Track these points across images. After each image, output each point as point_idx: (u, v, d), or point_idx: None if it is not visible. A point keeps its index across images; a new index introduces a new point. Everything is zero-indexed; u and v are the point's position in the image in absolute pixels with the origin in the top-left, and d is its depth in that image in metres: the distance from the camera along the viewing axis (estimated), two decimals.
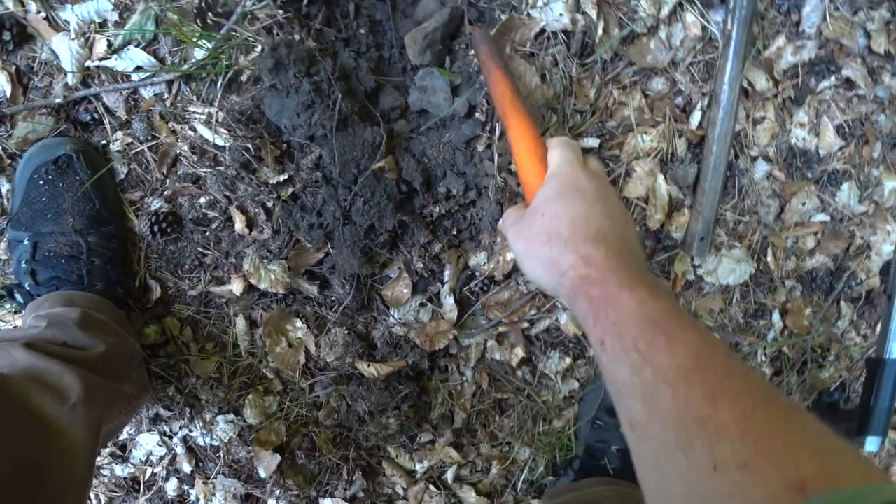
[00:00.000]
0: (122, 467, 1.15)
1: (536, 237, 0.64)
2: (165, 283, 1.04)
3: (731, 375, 0.45)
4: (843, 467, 0.39)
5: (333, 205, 0.95)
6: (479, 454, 1.16)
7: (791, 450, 0.39)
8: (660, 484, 0.46)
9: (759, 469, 0.39)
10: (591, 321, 0.54)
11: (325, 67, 0.90)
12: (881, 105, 1.07)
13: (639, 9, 0.96)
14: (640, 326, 0.50)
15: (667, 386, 0.46)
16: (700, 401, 0.44)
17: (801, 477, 0.37)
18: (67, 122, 0.98)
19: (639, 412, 0.48)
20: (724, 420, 0.42)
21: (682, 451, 0.43)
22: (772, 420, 0.42)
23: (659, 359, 0.47)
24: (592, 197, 0.64)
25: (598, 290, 0.55)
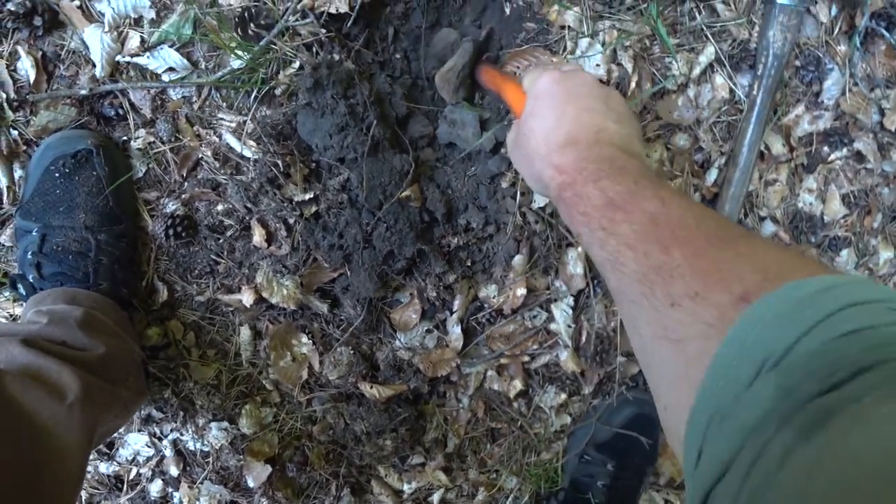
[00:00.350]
0: (107, 465, 1.13)
1: (524, 158, 0.69)
2: (173, 287, 1.02)
3: (685, 226, 0.50)
4: (784, 272, 0.42)
5: (356, 228, 0.95)
6: (466, 479, 1.18)
7: (737, 271, 0.43)
8: (636, 336, 0.50)
9: (707, 294, 0.43)
10: (569, 220, 0.60)
11: (363, 91, 0.90)
12: (887, 179, 1.11)
13: (672, 66, 0.98)
14: (601, 209, 0.55)
15: (628, 249, 0.51)
16: (656, 253, 0.48)
17: (745, 289, 0.41)
18: (90, 114, 0.96)
19: (613, 280, 0.53)
20: (676, 263, 0.46)
21: (646, 297, 0.47)
22: (721, 252, 0.46)
23: (619, 229, 0.53)
24: (561, 101, 0.66)
25: (570, 192, 0.60)
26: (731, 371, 0.38)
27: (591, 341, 1.08)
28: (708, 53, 1.00)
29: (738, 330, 0.39)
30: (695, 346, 0.43)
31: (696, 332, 0.42)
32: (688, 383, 0.42)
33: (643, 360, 0.51)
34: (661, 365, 0.47)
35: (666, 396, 0.47)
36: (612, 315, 1.07)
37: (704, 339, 0.41)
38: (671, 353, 0.45)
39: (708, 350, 0.40)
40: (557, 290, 1.05)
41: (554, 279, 1.05)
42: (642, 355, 0.51)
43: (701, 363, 0.41)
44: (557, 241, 1.02)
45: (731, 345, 0.39)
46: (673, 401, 0.46)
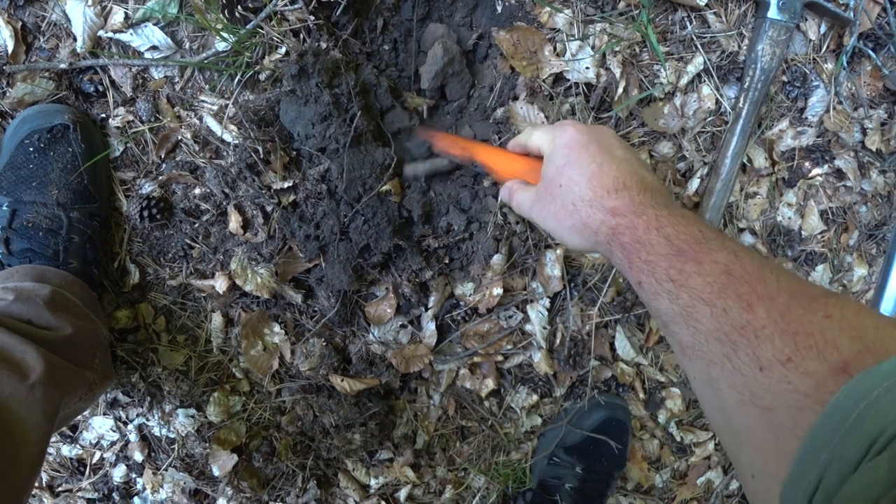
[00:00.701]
0: (70, 448, 1.11)
1: (562, 209, 0.65)
2: (145, 269, 1.01)
3: (763, 280, 0.47)
4: (883, 343, 0.40)
5: (333, 219, 0.94)
6: (434, 476, 1.17)
7: (830, 336, 0.41)
8: (715, 398, 0.48)
9: (801, 360, 0.41)
10: (627, 266, 0.57)
11: (348, 81, 0.89)
12: (865, 197, 1.12)
13: (660, 74, 0.98)
14: (670, 259, 0.53)
15: (704, 304, 0.48)
16: (737, 310, 0.46)
17: (844, 359, 0.39)
18: (69, 89, 0.94)
19: (684, 335, 0.50)
20: (761, 323, 0.44)
21: (729, 359, 0.45)
22: (808, 312, 0.44)
23: (691, 282, 0.50)
24: (597, 150, 0.65)
25: (628, 237, 0.57)
26: (834, 448, 0.36)
27: (565, 344, 1.08)
28: (696, 63, 1.00)
29: (839, 403, 0.37)
30: (787, 415, 0.41)
31: (790, 402, 0.41)
32: (779, 454, 0.40)
33: (723, 423, 0.49)
34: (749, 432, 0.45)
35: (753, 465, 0.45)
36: (587, 319, 1.07)
37: (799, 410, 0.40)
38: (759, 420, 0.43)
39: (802, 423, 0.39)
40: (534, 291, 1.05)
41: (531, 280, 1.05)
42: (721, 418, 0.48)
43: (794, 435, 0.39)
44: (536, 241, 1.02)
45: (832, 418, 0.37)
46: (760, 469, 0.44)
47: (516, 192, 0.76)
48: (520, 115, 0.96)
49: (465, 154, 0.87)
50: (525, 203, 0.73)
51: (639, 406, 1.17)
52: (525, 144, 0.77)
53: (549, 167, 0.69)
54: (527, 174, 0.78)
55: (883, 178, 1.12)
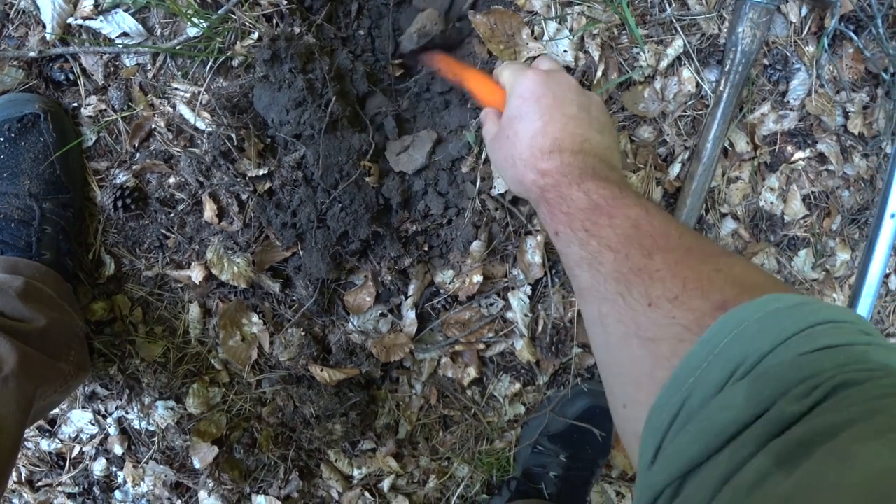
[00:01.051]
0: (49, 442, 1.10)
1: (505, 160, 0.69)
2: (121, 260, 0.99)
3: (667, 235, 0.51)
4: (761, 287, 0.43)
5: (310, 206, 0.93)
6: (417, 466, 1.17)
7: (716, 282, 0.45)
8: (603, 332, 0.51)
9: (687, 299, 0.44)
10: (549, 218, 0.62)
11: (322, 66, 0.88)
12: (847, 182, 1.12)
13: (640, 57, 0.97)
14: (586, 212, 0.57)
15: (609, 251, 0.52)
16: (637, 256, 0.50)
17: (724, 298, 0.42)
18: (39, 78, 0.92)
19: (586, 277, 0.54)
20: (657, 267, 0.48)
21: (622, 296, 0.49)
22: (700, 263, 0.47)
23: (602, 232, 0.54)
24: (547, 105, 0.67)
25: (553, 193, 0.62)
26: (701, 373, 0.39)
27: (547, 331, 1.07)
28: (676, 46, 0.99)
29: (712, 334, 0.40)
30: (667, 346, 0.43)
31: (671, 334, 0.43)
32: (652, 381, 0.43)
33: (606, 357, 0.52)
34: (628, 363, 0.48)
35: (625, 394, 0.48)
36: (570, 306, 1.07)
37: (678, 341, 0.42)
38: (641, 351, 0.46)
39: (679, 352, 0.41)
40: (515, 278, 1.04)
41: (512, 267, 1.04)
42: (605, 352, 0.52)
43: (669, 364, 0.42)
44: (516, 228, 1.01)
45: (703, 347, 0.40)
46: (632, 398, 0.46)
47: (486, 123, 0.78)
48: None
49: (456, 78, 0.87)
50: (487, 138, 0.76)
51: None
52: (497, 80, 0.78)
53: (505, 113, 0.72)
54: (500, 106, 0.77)
55: (865, 161, 1.11)
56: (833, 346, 0.36)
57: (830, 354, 0.36)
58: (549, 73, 0.70)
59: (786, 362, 0.36)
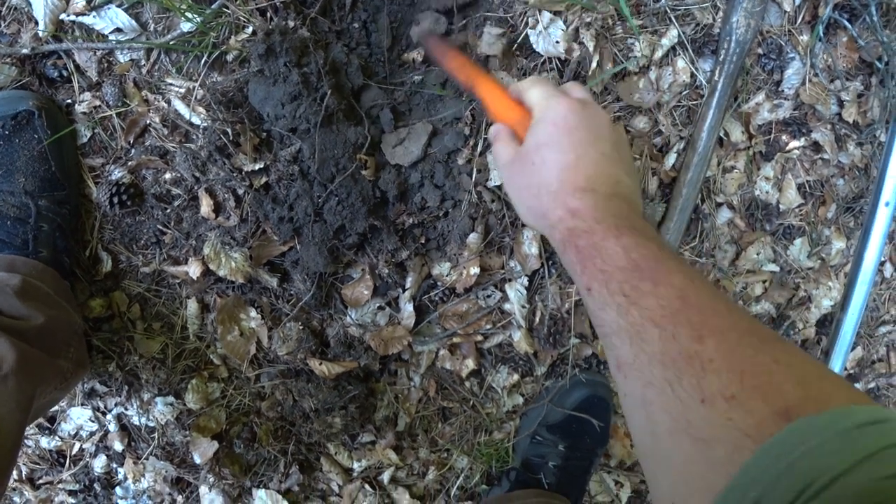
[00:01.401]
0: (49, 439, 1.10)
1: (527, 188, 0.63)
2: (118, 257, 0.99)
3: (717, 313, 0.47)
4: (827, 393, 0.40)
5: (306, 200, 0.93)
6: (417, 458, 1.17)
7: (776, 380, 0.41)
8: (647, 420, 0.47)
9: (745, 399, 0.40)
10: (579, 270, 0.55)
11: (317, 60, 0.87)
12: (842, 170, 1.12)
13: (634, 48, 0.97)
14: (625, 272, 0.51)
15: (653, 326, 0.47)
16: (687, 338, 0.45)
17: (787, 404, 0.39)
18: (32, 75, 0.92)
19: (626, 352, 0.49)
20: (710, 355, 0.43)
21: (670, 385, 0.44)
22: (757, 353, 0.43)
23: (644, 301, 0.49)
24: (583, 139, 0.62)
25: (585, 241, 0.56)
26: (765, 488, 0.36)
27: (544, 322, 1.08)
28: (671, 36, 0.99)
29: (776, 446, 0.37)
30: (723, 450, 0.40)
31: (728, 438, 0.40)
32: (706, 487, 0.40)
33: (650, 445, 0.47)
34: (677, 461, 0.44)
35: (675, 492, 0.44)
36: (567, 297, 1.07)
37: (736, 447, 0.39)
38: (691, 450, 0.42)
39: (737, 459, 0.38)
40: (512, 269, 1.05)
41: (508, 259, 1.04)
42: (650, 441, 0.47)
43: (726, 470, 0.39)
44: (513, 220, 1.01)
45: (766, 458, 0.37)
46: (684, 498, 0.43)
47: (499, 142, 0.71)
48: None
49: (469, 83, 0.79)
50: (501, 159, 0.70)
51: None
52: (520, 96, 0.71)
53: (530, 137, 0.65)
54: (517, 125, 0.71)
55: (860, 150, 1.12)
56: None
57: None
58: (584, 103, 0.65)
59: (860, 487, 0.34)
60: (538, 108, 0.66)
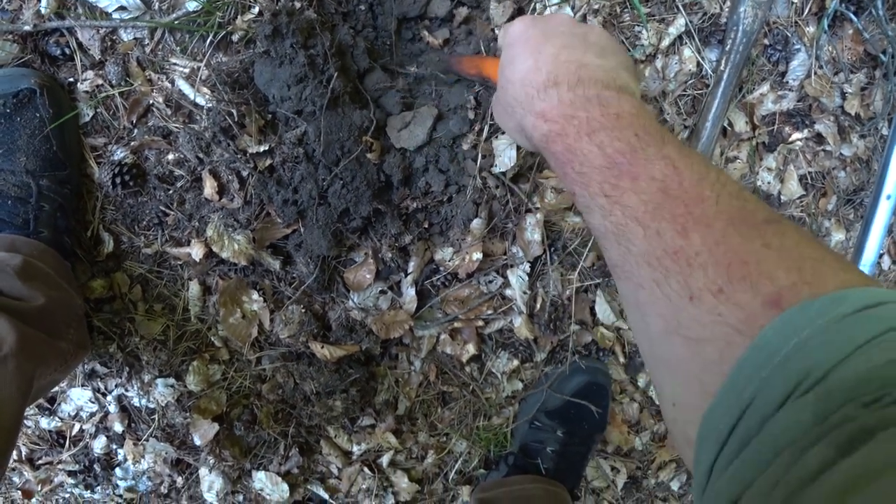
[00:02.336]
0: (49, 420, 1.10)
1: (504, 111, 0.63)
2: (119, 238, 0.99)
3: (703, 200, 0.44)
4: (821, 276, 0.38)
5: (311, 183, 0.92)
6: (416, 442, 1.18)
7: (766, 266, 0.39)
8: (642, 323, 0.46)
9: (733, 292, 0.38)
10: (562, 176, 0.54)
11: (323, 42, 0.87)
12: (844, 163, 1.13)
13: (641, 36, 0.97)
14: (603, 171, 0.49)
15: (637, 224, 0.45)
16: (671, 234, 0.43)
17: (777, 291, 0.37)
18: (34, 52, 0.91)
19: (615, 254, 0.48)
20: (696, 249, 0.41)
21: (658, 285, 0.43)
22: (746, 240, 0.41)
23: (626, 199, 0.47)
24: (536, 42, 0.60)
25: (559, 145, 0.53)
26: (759, 384, 0.35)
27: (545, 309, 1.08)
28: (678, 25, 0.99)
29: (767, 339, 0.36)
30: (714, 349, 0.39)
31: (718, 335, 0.38)
32: (702, 387, 0.39)
33: (648, 348, 0.46)
34: (673, 361, 0.43)
35: (674, 393, 0.43)
36: (568, 283, 1.07)
37: (727, 344, 0.38)
38: (685, 351, 0.41)
39: (729, 356, 0.37)
40: (514, 255, 1.05)
41: (511, 245, 1.04)
42: (647, 343, 0.46)
43: (720, 369, 0.37)
44: (516, 206, 1.01)
45: (759, 354, 0.36)
46: (682, 399, 0.42)
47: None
48: None
49: (477, 71, 0.83)
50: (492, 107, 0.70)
51: (619, 370, 1.18)
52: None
53: (499, 66, 0.65)
54: None
55: (863, 142, 1.12)
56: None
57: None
58: (540, 15, 0.65)
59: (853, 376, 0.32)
60: (500, 40, 0.67)
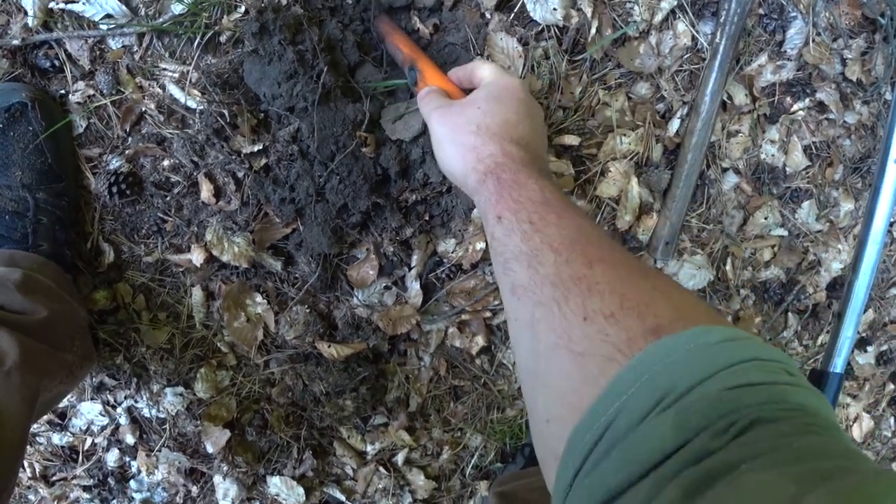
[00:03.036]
0: (60, 436, 1.09)
1: (465, 125, 0.69)
2: (119, 248, 0.98)
3: (610, 249, 0.52)
4: (695, 315, 0.44)
5: (307, 180, 0.91)
6: (430, 438, 1.16)
7: (652, 304, 0.45)
8: (532, 340, 0.50)
9: (622, 318, 0.44)
10: (495, 199, 0.60)
11: (311, 37, 0.86)
12: (848, 130, 1.11)
13: (633, 12, 0.96)
14: (536, 204, 0.57)
15: (551, 251, 0.52)
16: (578, 264, 0.50)
17: (658, 324, 0.43)
18: (24, 66, 0.90)
19: (523, 275, 0.53)
20: (597, 279, 0.48)
21: (557, 304, 0.48)
22: (639, 282, 0.47)
23: (548, 230, 0.54)
24: (525, 110, 0.71)
25: (508, 175, 0.62)
26: (627, 398, 0.39)
27: None
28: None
29: (643, 359, 0.40)
30: (596, 364, 0.43)
31: (602, 352, 0.43)
32: (578, 399, 0.42)
33: (532, 365, 0.50)
34: (555, 376, 0.47)
35: (550, 410, 0.47)
36: None
37: (608, 360, 0.42)
38: (570, 364, 0.45)
39: (608, 372, 0.41)
40: None
41: None
42: (533, 360, 0.50)
43: (597, 383, 0.41)
44: None
45: (633, 371, 0.40)
46: (557, 414, 0.45)
47: (432, 93, 0.79)
48: (498, 45, 0.93)
49: (410, 56, 0.86)
50: (433, 103, 0.76)
51: None
52: (470, 72, 0.79)
53: (480, 91, 0.73)
54: (454, 92, 0.80)
55: (866, 108, 1.10)
56: (756, 383, 0.38)
57: (753, 392, 0.37)
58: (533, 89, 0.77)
59: (711, 395, 0.37)
60: (493, 75, 0.76)
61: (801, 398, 0.38)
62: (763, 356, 0.40)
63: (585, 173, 1.03)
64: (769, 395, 0.37)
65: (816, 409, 0.38)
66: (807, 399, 0.38)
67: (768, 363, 0.40)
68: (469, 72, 0.80)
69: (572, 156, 1.02)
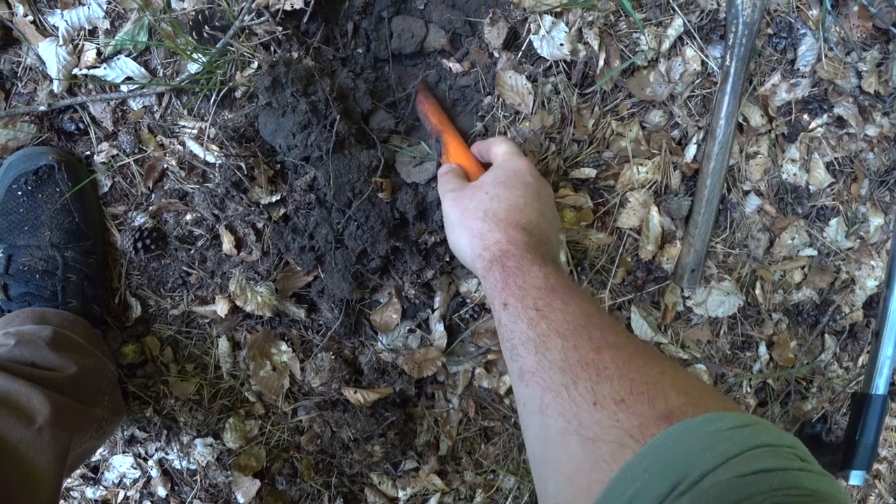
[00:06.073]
0: (94, 490, 1.10)
1: (473, 211, 0.71)
2: (146, 302, 1.00)
3: (616, 332, 0.53)
4: (705, 401, 0.45)
5: (326, 228, 0.92)
6: (463, 482, 1.14)
7: (661, 389, 0.45)
8: (541, 426, 0.50)
9: (633, 403, 0.45)
10: (501, 286, 0.62)
11: (323, 87, 0.88)
12: (870, 143, 1.09)
13: (640, 42, 0.96)
14: (541, 291, 0.59)
15: (558, 337, 0.53)
16: (586, 349, 0.50)
17: (669, 409, 0.43)
18: (51, 130, 0.94)
19: (530, 361, 0.53)
20: (605, 364, 0.48)
21: (566, 389, 0.48)
22: (646, 365, 0.48)
23: (554, 315, 0.55)
24: (532, 193, 0.73)
25: (513, 262, 0.63)
26: (642, 484, 0.39)
27: None
28: (676, 26, 0.98)
29: (656, 446, 0.41)
30: (608, 449, 0.43)
31: (613, 437, 0.43)
32: (590, 484, 0.43)
33: (541, 450, 0.51)
34: (566, 461, 0.47)
35: (560, 494, 0.47)
36: (600, 302, 1.04)
37: (619, 446, 0.42)
38: (580, 449, 0.45)
39: (619, 457, 0.42)
40: None
41: None
42: (541, 445, 0.50)
43: (608, 468, 0.42)
44: None
45: (646, 458, 0.40)
46: (566, 500, 0.46)
47: (451, 172, 0.82)
48: (507, 84, 0.94)
49: (437, 127, 0.91)
50: (449, 185, 0.79)
51: None
52: (488, 147, 0.82)
53: (491, 174, 0.76)
54: (470, 171, 0.84)
55: (887, 119, 1.08)
56: (769, 469, 0.38)
57: (766, 478, 0.38)
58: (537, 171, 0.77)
59: (724, 483, 0.37)
60: (504, 156, 0.78)
61: (814, 483, 0.39)
62: (774, 442, 0.41)
63: (604, 205, 1.03)
64: (782, 481, 0.38)
65: (829, 494, 0.38)
66: (819, 484, 0.39)
67: (780, 449, 0.40)
68: (487, 147, 0.83)
69: (590, 188, 1.02)
